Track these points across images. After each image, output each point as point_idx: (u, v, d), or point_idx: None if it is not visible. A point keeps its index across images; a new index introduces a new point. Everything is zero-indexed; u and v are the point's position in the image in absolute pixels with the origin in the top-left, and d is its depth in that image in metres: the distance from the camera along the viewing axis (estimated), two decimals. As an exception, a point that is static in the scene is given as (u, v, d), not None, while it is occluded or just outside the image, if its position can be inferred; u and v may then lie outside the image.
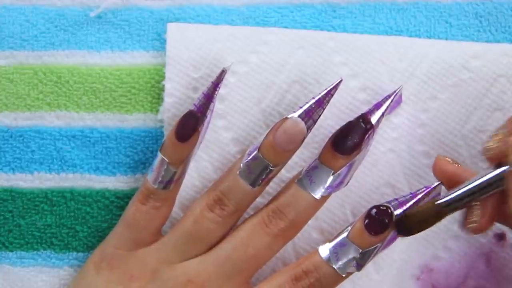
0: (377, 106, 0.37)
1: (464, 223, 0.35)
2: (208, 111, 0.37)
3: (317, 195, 0.36)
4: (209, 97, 0.36)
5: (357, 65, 0.40)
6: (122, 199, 0.41)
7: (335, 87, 0.36)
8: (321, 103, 0.36)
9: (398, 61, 0.40)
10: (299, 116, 0.36)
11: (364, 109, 0.39)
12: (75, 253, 0.41)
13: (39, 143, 0.41)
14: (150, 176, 0.37)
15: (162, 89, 0.41)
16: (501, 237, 0.40)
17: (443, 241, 0.40)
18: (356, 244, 0.36)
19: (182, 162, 0.37)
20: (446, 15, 0.42)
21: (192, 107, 0.36)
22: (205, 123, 0.37)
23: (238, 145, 0.40)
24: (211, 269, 0.37)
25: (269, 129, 0.36)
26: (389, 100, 0.37)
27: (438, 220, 0.35)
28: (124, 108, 0.41)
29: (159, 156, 0.37)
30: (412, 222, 0.36)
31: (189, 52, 0.40)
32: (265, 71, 0.40)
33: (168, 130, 0.40)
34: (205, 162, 0.40)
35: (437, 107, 0.40)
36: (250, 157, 0.36)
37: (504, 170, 0.33)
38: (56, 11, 0.42)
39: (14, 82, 0.42)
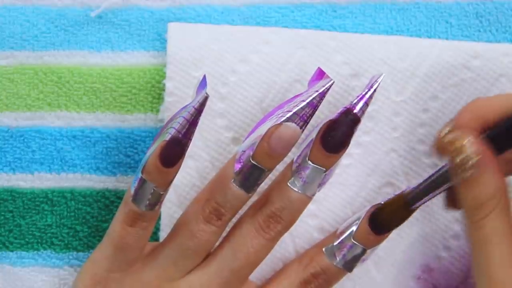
0: (361, 97, 0.36)
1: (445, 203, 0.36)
2: (193, 135, 0.34)
3: (311, 193, 0.36)
4: (193, 123, 0.34)
5: (358, 65, 0.40)
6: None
7: (328, 89, 0.35)
8: (313, 105, 0.35)
9: (399, 60, 0.40)
10: (292, 120, 0.35)
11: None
12: (75, 253, 0.41)
13: (39, 143, 0.41)
14: (135, 199, 0.35)
15: (162, 89, 0.41)
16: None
17: (444, 241, 0.40)
18: (362, 244, 0.36)
19: (170, 184, 0.35)
20: (447, 15, 0.42)
21: (173, 132, 0.33)
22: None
23: (239, 144, 0.40)
24: (214, 281, 0.36)
25: (256, 133, 0.35)
26: (372, 90, 0.36)
27: (407, 213, 0.36)
28: (124, 108, 0.41)
29: (143, 179, 0.34)
30: (382, 216, 0.36)
31: (190, 51, 0.40)
32: (266, 71, 0.40)
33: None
34: (206, 162, 0.40)
35: (438, 106, 0.40)
36: (243, 165, 0.35)
37: (446, 166, 0.34)
38: (56, 11, 0.42)
39: (15, 82, 0.42)
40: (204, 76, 0.35)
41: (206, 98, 0.33)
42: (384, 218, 0.36)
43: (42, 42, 0.42)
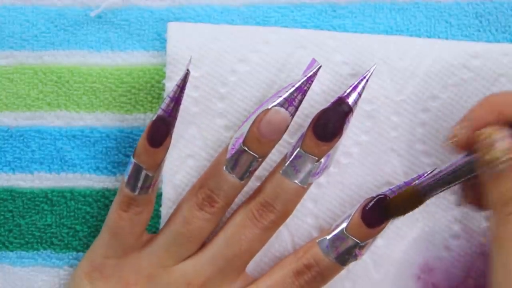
0: (354, 87, 0.37)
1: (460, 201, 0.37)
2: (178, 114, 0.36)
3: (304, 183, 0.36)
4: (177, 101, 0.35)
5: (358, 64, 0.40)
6: (122, 198, 0.41)
7: (315, 74, 0.36)
8: (302, 90, 0.36)
9: (399, 60, 0.40)
10: (281, 105, 0.36)
11: (365, 107, 0.39)
12: (75, 252, 0.41)
13: (39, 143, 0.41)
14: (128, 184, 0.37)
15: (162, 88, 0.41)
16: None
17: (444, 241, 0.40)
18: (354, 237, 0.36)
19: (158, 166, 0.36)
20: (446, 15, 0.42)
21: (159, 112, 0.35)
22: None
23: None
24: (208, 269, 0.37)
25: (249, 121, 0.36)
26: (364, 80, 0.37)
27: (417, 203, 0.36)
28: (124, 108, 0.41)
29: (134, 162, 0.36)
30: (392, 205, 0.36)
31: (190, 51, 0.40)
32: (266, 70, 0.40)
33: None
34: (205, 162, 0.40)
35: (438, 106, 0.40)
36: (235, 151, 0.36)
37: (473, 159, 0.34)
38: (56, 11, 0.42)
39: (15, 82, 0.42)
40: (190, 57, 0.37)
41: (187, 74, 0.35)
42: (393, 206, 0.36)
43: (42, 42, 0.42)
